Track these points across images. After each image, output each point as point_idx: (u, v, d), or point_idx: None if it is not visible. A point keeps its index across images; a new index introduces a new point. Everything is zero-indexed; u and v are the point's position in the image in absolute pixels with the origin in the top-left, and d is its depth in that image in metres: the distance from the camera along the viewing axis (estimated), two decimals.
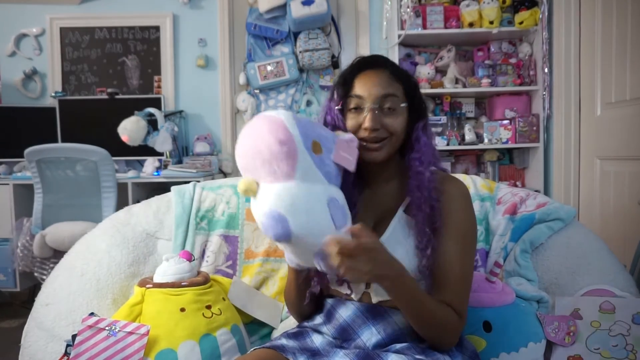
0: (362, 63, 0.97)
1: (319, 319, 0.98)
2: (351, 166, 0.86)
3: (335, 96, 0.96)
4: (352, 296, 0.94)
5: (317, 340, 0.94)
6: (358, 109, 0.93)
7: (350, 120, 0.93)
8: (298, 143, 0.79)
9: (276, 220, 0.75)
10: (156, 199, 1.45)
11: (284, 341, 0.94)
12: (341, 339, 0.93)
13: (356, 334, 0.91)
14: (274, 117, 0.81)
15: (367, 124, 0.90)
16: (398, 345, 0.87)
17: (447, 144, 2.89)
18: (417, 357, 0.82)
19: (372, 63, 0.96)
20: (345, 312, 0.94)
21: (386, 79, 0.94)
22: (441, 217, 0.90)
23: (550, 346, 1.06)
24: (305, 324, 1.01)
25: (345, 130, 0.94)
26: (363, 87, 0.93)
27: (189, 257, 1.19)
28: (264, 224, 0.77)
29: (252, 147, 0.80)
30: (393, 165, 0.98)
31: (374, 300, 0.92)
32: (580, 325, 1.05)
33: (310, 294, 0.97)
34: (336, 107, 0.95)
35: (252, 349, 0.93)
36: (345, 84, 0.95)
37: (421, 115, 0.97)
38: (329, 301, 0.98)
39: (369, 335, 0.90)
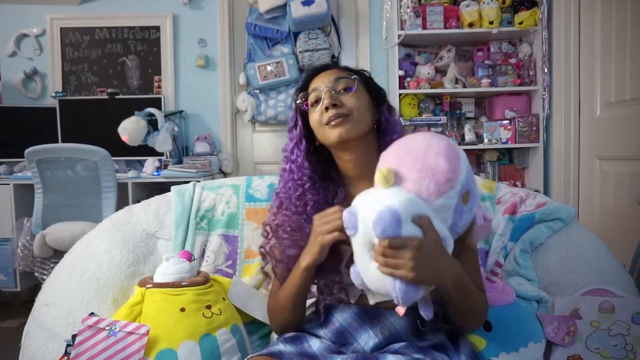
0: (313, 70, 1.04)
1: (315, 322, 0.98)
2: (483, 237, 0.85)
3: (299, 104, 1.02)
4: (350, 299, 0.94)
5: (314, 345, 0.93)
6: (318, 101, 0.97)
7: (314, 114, 0.97)
8: (459, 181, 0.79)
9: (394, 219, 0.73)
10: (156, 199, 1.44)
11: (281, 347, 0.93)
12: (339, 344, 0.92)
13: (353, 338, 0.91)
14: (454, 146, 0.82)
15: (326, 101, 0.94)
16: (396, 345, 0.87)
17: None
18: (415, 356, 0.82)
19: (322, 68, 1.04)
20: (342, 316, 0.93)
21: (336, 70, 1.01)
22: None
23: (549, 346, 1.06)
24: (302, 326, 1.01)
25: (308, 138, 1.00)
26: (317, 82, 1.00)
27: (189, 257, 1.19)
28: (382, 215, 0.74)
29: (421, 150, 0.79)
30: (374, 160, 0.96)
31: (371, 302, 0.92)
32: (580, 325, 1.05)
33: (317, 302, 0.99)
34: (302, 104, 1.00)
35: (249, 357, 0.92)
36: (302, 91, 1.02)
37: (382, 100, 1.02)
38: (326, 305, 0.98)
39: (366, 339, 0.90)
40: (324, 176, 1.01)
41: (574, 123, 2.56)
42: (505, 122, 2.88)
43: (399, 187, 0.78)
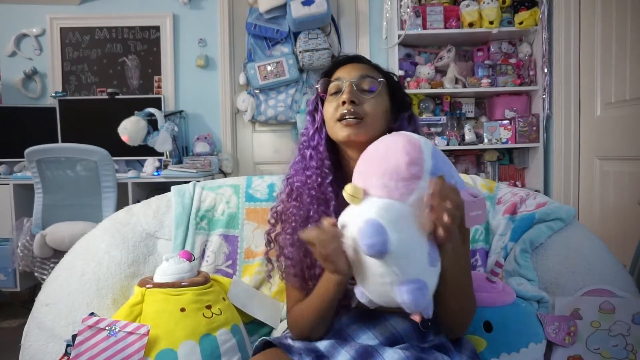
0: (344, 58, 1.00)
1: None
2: (484, 220, 0.81)
3: (318, 89, 0.98)
4: (351, 304, 0.92)
5: (321, 344, 0.93)
6: (337, 93, 0.94)
7: (329, 104, 0.94)
8: (426, 171, 0.78)
9: (377, 229, 0.72)
10: (156, 199, 1.44)
11: (289, 340, 0.93)
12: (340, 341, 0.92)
13: (351, 338, 0.91)
14: (413, 138, 0.81)
15: (344, 96, 0.91)
16: (397, 346, 0.87)
17: (447, 144, 2.89)
18: (416, 353, 0.82)
19: (354, 58, 1.00)
20: (342, 318, 0.93)
21: (366, 66, 0.97)
22: None
23: (550, 346, 1.06)
24: None
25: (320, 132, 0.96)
26: (343, 72, 0.96)
27: (189, 257, 1.19)
28: (364, 230, 0.73)
29: (380, 155, 0.80)
30: None
31: (372, 306, 0.92)
32: (580, 325, 1.05)
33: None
34: (320, 91, 0.97)
35: (260, 340, 0.93)
36: (326, 76, 0.98)
37: (405, 108, 0.98)
38: None
39: (366, 339, 0.89)
40: (335, 169, 0.98)
41: (574, 123, 2.56)
42: (506, 122, 2.88)
43: (370, 198, 0.78)
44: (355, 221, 0.76)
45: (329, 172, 0.94)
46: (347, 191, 0.79)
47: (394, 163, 0.77)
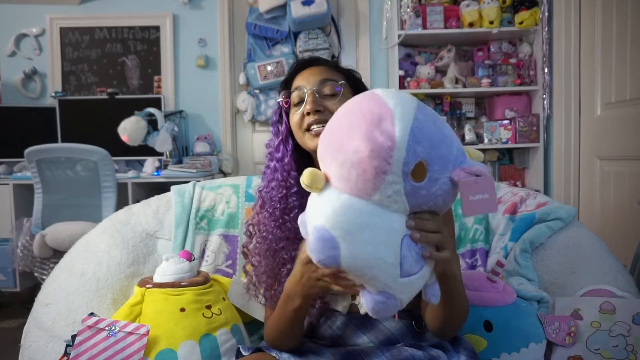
0: (300, 63, 0.97)
1: (308, 330, 0.97)
2: (493, 207, 0.64)
3: (279, 99, 0.96)
4: (339, 309, 0.92)
5: (306, 343, 0.94)
6: (301, 103, 0.91)
7: (295, 115, 0.92)
8: (395, 162, 0.60)
9: (325, 242, 0.61)
10: (156, 199, 1.44)
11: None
12: (335, 348, 0.91)
13: (347, 344, 0.90)
14: (383, 108, 0.61)
15: (307, 106, 0.88)
16: (387, 351, 0.86)
17: None
18: (404, 353, 0.82)
19: (310, 61, 0.97)
20: (334, 324, 0.93)
21: (324, 69, 0.94)
22: None
23: (550, 346, 1.06)
24: None
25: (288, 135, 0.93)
26: (302, 79, 0.93)
27: (189, 257, 1.19)
28: (311, 242, 0.63)
29: (342, 135, 0.64)
30: None
31: (362, 311, 0.90)
32: (581, 325, 1.05)
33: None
34: (283, 102, 0.94)
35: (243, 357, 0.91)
36: (286, 85, 0.96)
37: None
38: (316, 314, 0.96)
39: (363, 344, 0.89)
40: None
41: (574, 123, 2.56)
42: (506, 122, 2.88)
43: (329, 190, 0.65)
44: (312, 215, 0.65)
45: (294, 182, 0.92)
46: (303, 181, 0.65)
47: (351, 152, 0.61)
